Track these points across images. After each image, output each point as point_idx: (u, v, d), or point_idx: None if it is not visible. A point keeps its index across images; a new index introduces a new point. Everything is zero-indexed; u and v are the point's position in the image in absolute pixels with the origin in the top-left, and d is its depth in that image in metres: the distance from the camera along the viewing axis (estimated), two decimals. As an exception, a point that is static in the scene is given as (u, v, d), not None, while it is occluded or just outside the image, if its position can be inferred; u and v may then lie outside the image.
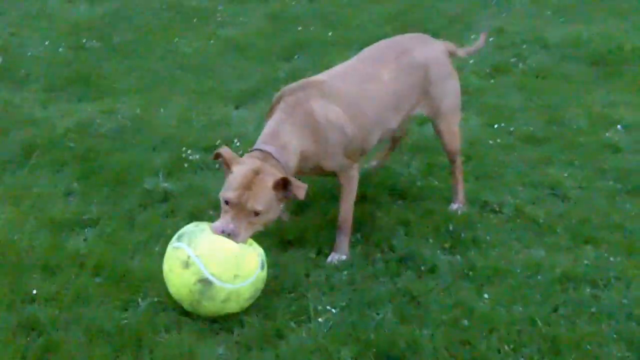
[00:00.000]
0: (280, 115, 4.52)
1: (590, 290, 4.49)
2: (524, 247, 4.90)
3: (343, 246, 4.77)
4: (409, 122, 5.36)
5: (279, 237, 4.91)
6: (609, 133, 6.26)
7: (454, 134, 5.17)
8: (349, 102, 4.65)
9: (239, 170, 4.27)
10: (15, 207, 5.22)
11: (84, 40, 7.93)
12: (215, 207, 4.74)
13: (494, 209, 5.27)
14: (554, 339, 4.13)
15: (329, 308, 4.35)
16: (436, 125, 5.13)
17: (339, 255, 4.74)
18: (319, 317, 4.28)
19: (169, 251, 4.24)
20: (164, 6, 9.20)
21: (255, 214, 4.23)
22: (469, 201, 5.31)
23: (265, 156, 4.36)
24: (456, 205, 5.21)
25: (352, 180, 4.77)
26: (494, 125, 6.39)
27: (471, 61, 7.35)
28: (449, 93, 5.09)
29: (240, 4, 9.37)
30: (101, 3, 9.26)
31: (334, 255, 4.75)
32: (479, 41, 5.58)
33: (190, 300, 4.17)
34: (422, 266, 4.69)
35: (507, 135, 6.25)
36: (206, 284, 4.09)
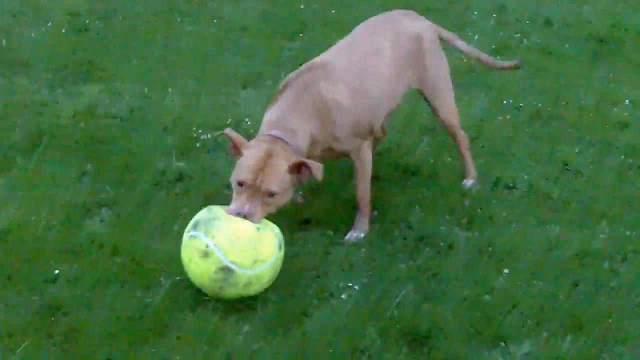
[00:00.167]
0: (287, 100, 4.52)
1: (608, 265, 4.52)
2: (539, 223, 4.93)
3: (362, 225, 4.80)
4: (391, 117, 5.37)
5: (297, 216, 4.92)
6: (616, 109, 6.29)
7: (451, 108, 5.17)
8: (355, 80, 4.67)
9: (251, 153, 4.28)
10: (28, 191, 5.20)
11: (87, 21, 7.87)
12: (229, 186, 4.74)
13: (508, 185, 5.30)
14: (576, 314, 4.17)
15: (351, 285, 4.38)
16: (432, 100, 5.13)
17: (357, 233, 4.76)
18: (341, 295, 4.30)
19: (185, 240, 4.23)
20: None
21: (270, 195, 4.23)
22: (482, 178, 5.33)
23: (275, 140, 4.36)
24: (470, 182, 5.24)
25: (365, 160, 4.79)
26: (501, 102, 6.40)
27: (475, 37, 7.35)
28: (441, 66, 5.11)
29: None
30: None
31: (352, 233, 4.78)
32: (491, 58, 5.51)
33: (212, 288, 4.18)
34: (440, 243, 4.71)
35: (516, 113, 6.27)
36: (227, 272, 4.10)
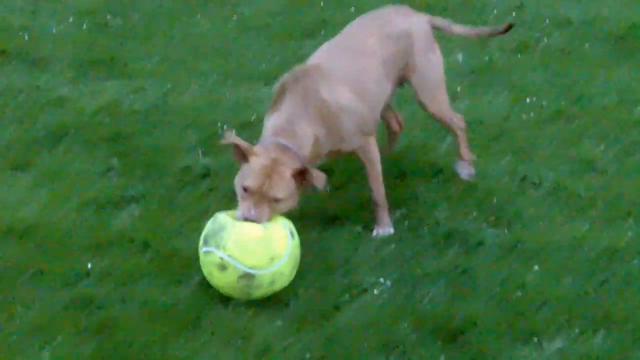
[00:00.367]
0: (289, 106, 4.54)
1: (638, 262, 4.53)
2: (567, 220, 4.94)
3: (384, 220, 4.82)
4: (398, 115, 5.40)
5: (325, 213, 4.94)
6: (638, 108, 6.29)
7: (441, 102, 5.16)
8: (352, 80, 4.71)
9: (257, 160, 4.32)
10: (54, 187, 5.23)
11: (107, 17, 7.88)
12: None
13: (534, 183, 5.30)
14: (607, 310, 4.19)
15: (382, 281, 4.39)
16: (422, 96, 5.11)
17: (384, 229, 4.78)
18: (373, 290, 4.31)
19: (201, 257, 4.27)
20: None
21: (275, 201, 4.28)
22: (508, 175, 5.34)
23: (281, 147, 4.40)
24: (465, 172, 5.23)
25: (373, 156, 4.81)
26: (524, 100, 6.40)
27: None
28: (433, 62, 5.10)
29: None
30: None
31: (378, 230, 4.80)
32: (486, 28, 5.46)
33: (240, 294, 4.22)
34: (469, 240, 4.73)
35: (539, 111, 6.27)
36: (248, 277, 4.14)
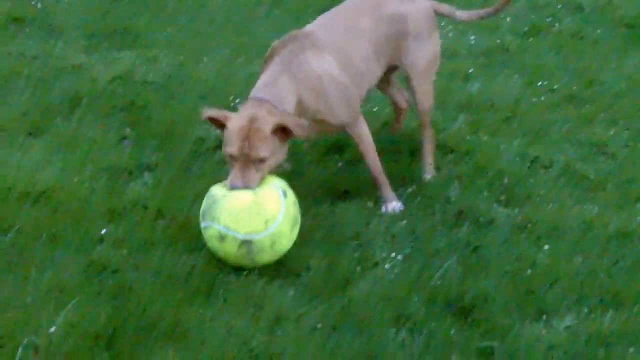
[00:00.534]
0: (275, 67, 4.57)
1: (647, 246, 4.58)
2: (577, 202, 4.98)
3: (388, 195, 4.86)
4: (404, 91, 5.42)
5: (337, 187, 4.98)
6: (650, 94, 6.34)
7: (426, 92, 5.13)
8: (339, 52, 4.72)
9: (234, 124, 4.33)
10: (69, 154, 5.26)
11: (120, -14, 7.90)
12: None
13: (544, 165, 5.34)
14: (616, 290, 4.23)
15: (393, 256, 4.43)
16: (409, 81, 5.11)
17: (392, 204, 4.83)
18: (384, 264, 4.36)
19: (203, 233, 4.32)
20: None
21: (261, 161, 4.29)
22: (520, 157, 5.38)
23: (260, 103, 4.40)
24: (429, 176, 5.17)
25: (362, 133, 4.82)
26: (535, 83, 6.44)
27: (507, 19, 7.39)
28: (425, 51, 5.07)
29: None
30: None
31: (387, 206, 4.84)
32: (489, 9, 5.43)
33: (246, 263, 4.26)
34: (480, 218, 4.77)
35: (550, 94, 6.31)
36: (247, 244, 4.18)
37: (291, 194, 4.36)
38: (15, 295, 4.02)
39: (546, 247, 4.53)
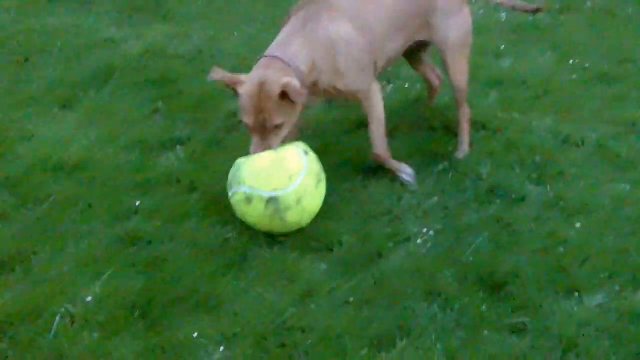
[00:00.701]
0: (290, 28, 4.53)
1: (680, 225, 4.56)
2: (608, 181, 4.97)
3: (395, 166, 4.80)
4: (437, 70, 5.41)
5: (368, 163, 4.98)
6: (683, 73, 6.30)
7: (460, 69, 5.10)
8: (356, 17, 4.66)
9: (246, 91, 4.29)
10: (102, 126, 5.30)
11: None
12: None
13: (576, 143, 5.33)
14: (648, 269, 4.22)
15: (425, 231, 4.45)
16: (442, 58, 5.08)
17: (405, 171, 4.80)
18: (416, 240, 4.37)
19: (231, 203, 4.34)
20: None
21: (277, 127, 4.29)
22: (551, 134, 5.37)
23: (271, 61, 4.37)
24: (461, 155, 5.13)
25: (375, 103, 4.75)
26: (568, 61, 6.42)
27: (540, -4, 7.35)
28: (456, 26, 5.02)
29: None
30: None
31: (403, 176, 4.80)
32: (527, 4, 5.36)
33: (276, 224, 4.27)
34: (512, 195, 4.76)
35: (582, 72, 6.29)
36: (273, 201, 4.20)
37: (312, 152, 4.38)
38: (51, 265, 4.07)
39: (578, 225, 4.52)
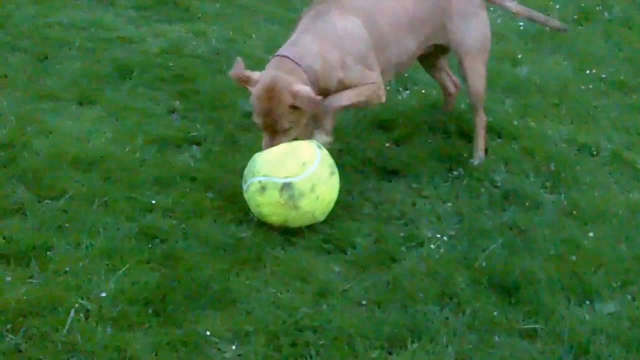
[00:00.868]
0: (301, 27, 4.60)
1: (693, 235, 4.57)
2: (623, 190, 4.99)
3: (328, 124, 4.62)
4: (453, 76, 5.43)
5: (384, 166, 5.01)
6: (699, 85, 6.31)
7: (478, 74, 5.11)
8: (366, 15, 4.69)
9: (256, 92, 4.36)
10: (119, 124, 5.32)
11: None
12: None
13: (591, 152, 5.35)
14: (660, 278, 4.23)
15: (439, 236, 4.46)
16: (460, 63, 5.10)
17: (326, 138, 4.60)
18: (430, 244, 4.39)
19: (246, 197, 4.38)
20: None
21: (286, 130, 4.35)
22: (567, 143, 5.38)
23: (282, 61, 4.42)
24: (477, 161, 5.14)
25: (375, 88, 4.68)
26: (584, 70, 6.44)
27: (557, 6, 7.38)
28: (473, 30, 5.04)
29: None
30: None
31: (321, 136, 4.60)
32: (546, 18, 5.39)
33: (290, 212, 4.29)
34: (526, 202, 4.78)
35: (598, 82, 6.30)
36: (287, 188, 4.23)
37: (326, 150, 4.42)
38: (67, 260, 4.09)
39: (591, 234, 4.54)
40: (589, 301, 4.08)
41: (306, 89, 4.32)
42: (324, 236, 4.42)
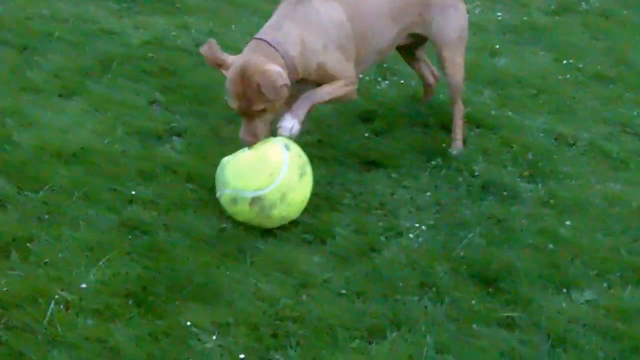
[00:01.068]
0: (282, 11, 4.58)
1: (669, 224, 4.63)
2: (600, 180, 5.04)
3: (300, 111, 4.50)
4: (432, 67, 5.47)
5: (364, 157, 5.04)
6: (675, 76, 6.37)
7: (456, 65, 5.15)
8: (348, 2, 4.70)
9: (228, 76, 4.34)
10: (101, 115, 5.34)
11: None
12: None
13: (569, 142, 5.40)
14: (636, 267, 4.29)
15: (418, 225, 4.51)
16: (438, 53, 5.14)
17: (293, 121, 4.46)
18: (409, 234, 4.43)
19: (220, 203, 4.37)
20: None
21: (261, 111, 4.32)
22: (545, 133, 5.43)
23: (259, 45, 4.41)
24: (455, 151, 5.17)
25: (350, 83, 4.70)
26: (562, 61, 6.48)
27: (535, -2, 7.44)
28: (451, 21, 5.08)
29: None
30: None
31: (289, 120, 4.45)
32: None
33: (264, 220, 4.32)
34: (504, 192, 4.83)
35: (577, 72, 6.35)
36: (257, 200, 4.24)
37: (295, 146, 4.39)
38: (47, 252, 4.11)
39: (568, 222, 4.59)
40: (566, 290, 4.13)
41: (277, 69, 4.29)
42: (304, 227, 4.45)
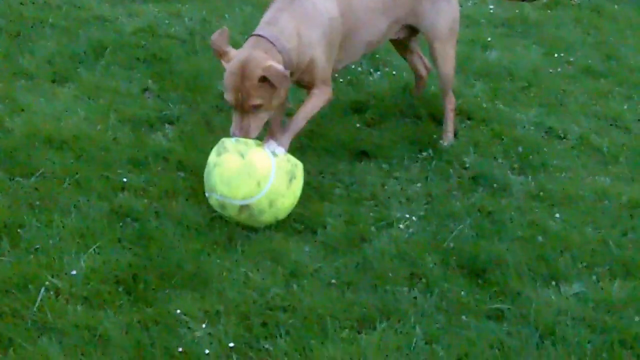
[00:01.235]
0: (278, 5, 4.60)
1: (658, 218, 4.66)
2: (589, 173, 5.07)
3: (284, 140, 4.47)
4: (425, 59, 5.48)
5: (355, 148, 5.06)
6: (665, 70, 6.40)
7: (448, 57, 5.17)
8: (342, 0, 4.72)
9: (228, 69, 4.35)
10: (93, 103, 5.34)
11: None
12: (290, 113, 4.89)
13: (559, 136, 5.43)
14: (625, 260, 4.32)
15: (408, 217, 4.52)
16: (430, 45, 5.15)
17: (278, 146, 4.42)
18: (399, 225, 4.45)
19: (210, 203, 4.39)
20: None
21: (256, 107, 4.32)
22: (535, 126, 5.46)
23: (258, 41, 4.42)
24: (446, 143, 5.20)
25: (325, 93, 4.69)
26: (553, 55, 6.51)
27: (528, -9, 7.42)
28: (443, 13, 5.10)
29: None
30: None
31: (273, 143, 4.42)
32: None
33: (253, 223, 4.33)
34: (494, 185, 4.85)
35: (567, 66, 6.38)
36: (245, 208, 4.26)
37: (282, 154, 4.38)
38: (38, 238, 4.12)
39: (557, 215, 4.61)
40: (555, 283, 4.15)
41: (278, 66, 4.32)
42: (295, 216, 4.46)
